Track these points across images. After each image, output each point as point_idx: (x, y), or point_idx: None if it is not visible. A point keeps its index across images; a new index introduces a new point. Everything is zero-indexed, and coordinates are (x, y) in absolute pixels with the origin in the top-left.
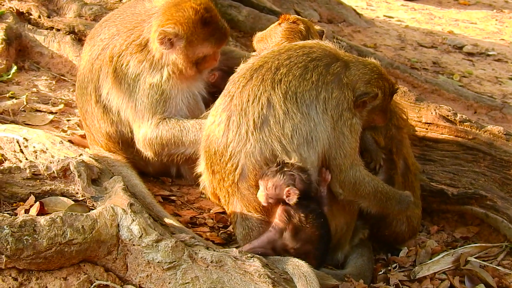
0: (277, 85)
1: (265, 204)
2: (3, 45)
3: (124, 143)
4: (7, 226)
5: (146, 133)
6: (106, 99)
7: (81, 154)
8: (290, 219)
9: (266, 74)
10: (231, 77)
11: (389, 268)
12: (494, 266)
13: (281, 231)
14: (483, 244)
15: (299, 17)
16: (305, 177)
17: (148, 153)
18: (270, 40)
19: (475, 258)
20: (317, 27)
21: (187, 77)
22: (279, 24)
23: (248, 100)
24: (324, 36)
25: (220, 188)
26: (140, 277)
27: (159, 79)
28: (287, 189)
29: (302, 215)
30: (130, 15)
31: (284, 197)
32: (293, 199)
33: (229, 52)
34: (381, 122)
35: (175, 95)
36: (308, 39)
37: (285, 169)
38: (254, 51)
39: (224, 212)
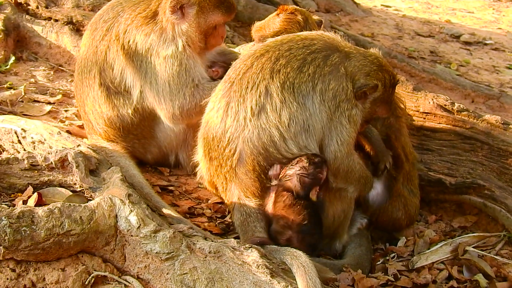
0: (276, 75)
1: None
2: (1, 36)
3: (125, 128)
4: (5, 217)
5: (183, 105)
6: (116, 79)
7: (79, 145)
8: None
9: (266, 63)
10: (233, 63)
11: (387, 258)
12: (492, 256)
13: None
14: (481, 234)
15: (297, 7)
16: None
17: (181, 125)
18: (268, 30)
19: (473, 247)
20: (315, 17)
21: (198, 53)
22: (277, 14)
23: (247, 87)
24: (322, 26)
25: (218, 175)
26: (138, 267)
27: (174, 50)
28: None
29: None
30: None
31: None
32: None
33: (228, 53)
34: (384, 114)
35: (194, 64)
36: (306, 30)
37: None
38: (252, 40)
39: (222, 202)
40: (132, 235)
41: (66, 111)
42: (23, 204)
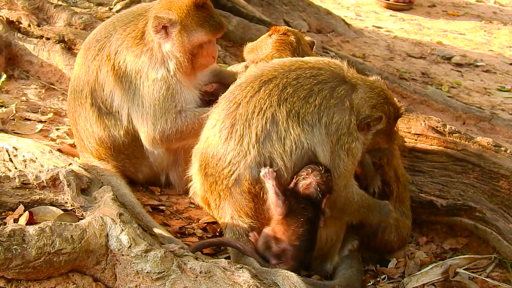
0: (283, 103)
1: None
2: None
3: (116, 148)
4: None
5: (164, 130)
6: (107, 99)
7: (70, 164)
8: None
9: (274, 90)
10: (238, 81)
11: (378, 279)
12: (483, 278)
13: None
14: (472, 256)
15: (290, 28)
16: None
17: (160, 149)
18: (261, 51)
19: (464, 269)
20: (307, 38)
21: (187, 75)
22: (270, 35)
23: (254, 112)
24: (314, 47)
25: (212, 191)
26: (129, 287)
27: (164, 73)
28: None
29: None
30: (127, 13)
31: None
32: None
33: (219, 72)
34: (385, 144)
35: (181, 90)
36: (299, 51)
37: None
38: (244, 61)
39: (213, 222)
40: (123, 255)
41: (57, 129)
42: (14, 222)
